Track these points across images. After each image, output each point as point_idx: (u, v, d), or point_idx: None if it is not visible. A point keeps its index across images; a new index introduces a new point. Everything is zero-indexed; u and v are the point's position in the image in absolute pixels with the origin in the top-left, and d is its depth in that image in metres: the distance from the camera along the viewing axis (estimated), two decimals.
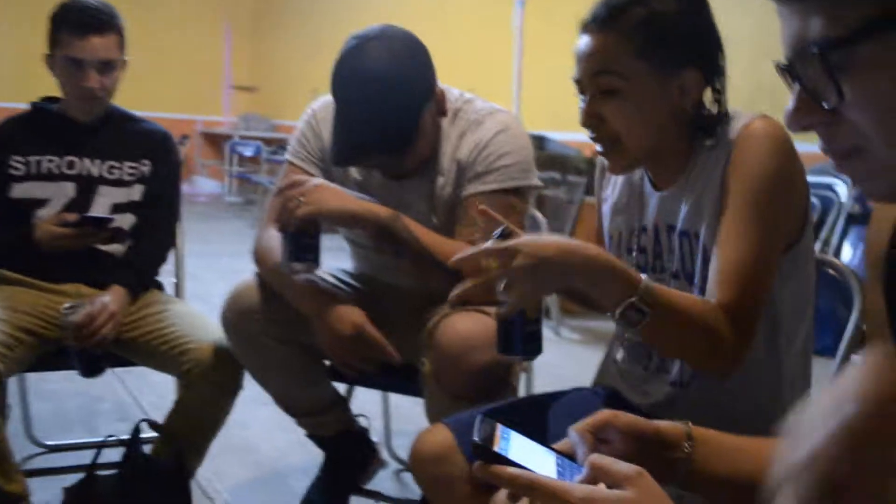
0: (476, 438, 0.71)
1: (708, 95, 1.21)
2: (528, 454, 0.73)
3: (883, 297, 0.81)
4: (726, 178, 1.14)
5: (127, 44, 1.99)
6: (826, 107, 0.61)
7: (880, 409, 0.56)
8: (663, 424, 0.83)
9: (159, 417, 1.84)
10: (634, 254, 1.31)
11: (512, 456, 0.71)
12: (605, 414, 0.82)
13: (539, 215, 2.03)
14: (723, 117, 1.20)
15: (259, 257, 1.71)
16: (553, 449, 0.77)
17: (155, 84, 8.76)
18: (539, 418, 1.29)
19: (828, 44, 0.59)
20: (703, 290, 1.18)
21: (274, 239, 1.63)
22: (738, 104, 1.23)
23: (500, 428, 0.74)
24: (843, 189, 4.48)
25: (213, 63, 10.39)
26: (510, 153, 1.59)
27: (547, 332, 1.75)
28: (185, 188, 10.43)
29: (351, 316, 1.55)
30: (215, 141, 10.31)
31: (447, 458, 1.22)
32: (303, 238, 1.49)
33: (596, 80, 1.18)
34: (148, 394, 2.90)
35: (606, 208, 1.39)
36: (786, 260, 1.17)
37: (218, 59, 10.43)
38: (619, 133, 1.18)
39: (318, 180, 1.53)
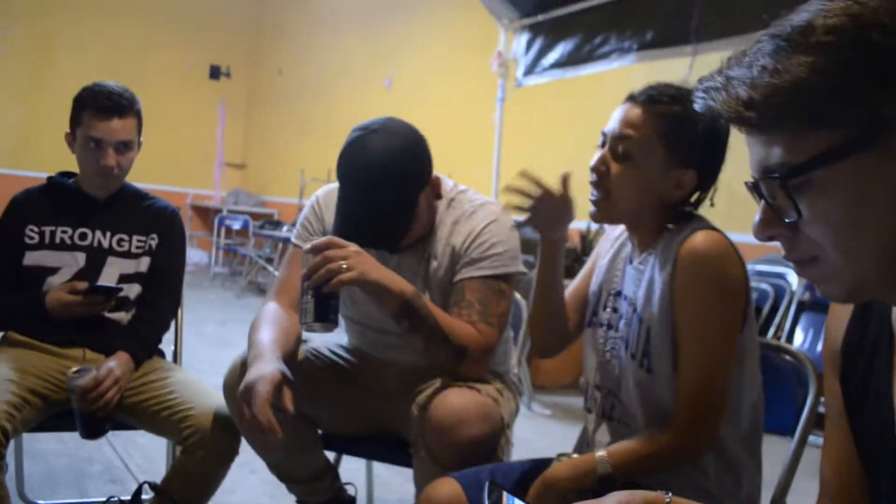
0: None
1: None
2: None
3: (839, 388, 0.91)
4: (675, 289, 1.31)
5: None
6: (786, 222, 0.73)
7: None
8: (647, 496, 0.88)
9: (146, 479, 1.88)
10: (609, 311, 1.48)
11: None
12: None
13: (520, 298, 2.16)
14: (691, 215, 1.39)
15: (250, 330, 1.72)
16: None
17: (151, 157, 8.93)
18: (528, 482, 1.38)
19: (787, 170, 0.70)
20: (640, 363, 1.36)
21: (269, 314, 1.71)
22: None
23: (505, 496, 0.83)
24: (794, 278, 4.70)
25: (207, 140, 10.64)
26: (500, 242, 1.72)
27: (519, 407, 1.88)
28: None
29: (263, 369, 1.52)
30: (205, 213, 10.46)
31: None
32: (331, 299, 1.53)
33: (619, 140, 1.37)
34: (136, 457, 2.95)
35: (599, 267, 1.57)
36: None
37: (212, 136, 10.68)
38: (614, 188, 1.37)
39: (357, 247, 1.57)
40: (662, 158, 1.35)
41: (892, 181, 0.68)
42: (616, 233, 1.56)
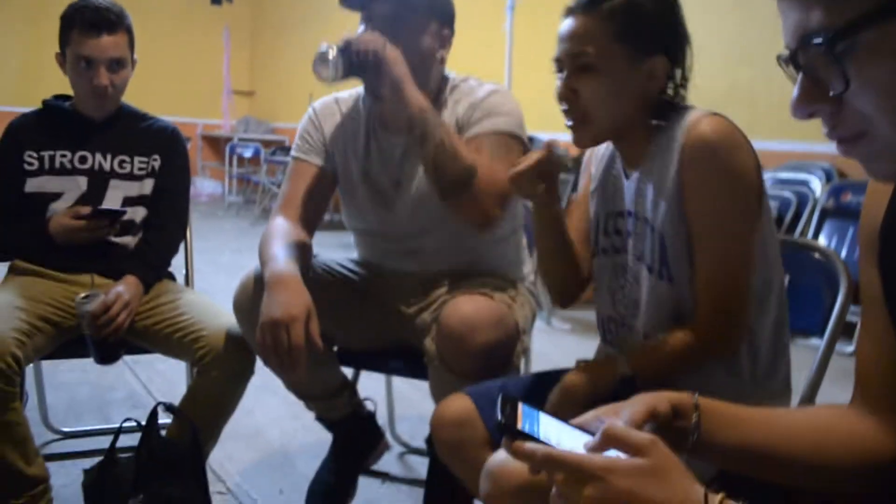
0: (500, 418, 0.73)
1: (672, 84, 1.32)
2: (549, 430, 0.75)
3: (877, 272, 0.85)
4: (684, 182, 1.23)
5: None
6: (832, 93, 0.64)
7: None
8: (673, 396, 0.85)
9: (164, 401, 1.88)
10: (612, 236, 1.40)
11: (534, 433, 0.73)
12: (643, 412, 0.81)
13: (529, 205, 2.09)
14: (679, 106, 1.30)
15: (260, 245, 1.70)
16: (573, 425, 0.78)
17: (158, 88, 8.85)
18: (545, 392, 1.32)
19: (831, 33, 0.62)
20: (660, 274, 1.28)
21: (278, 228, 1.68)
22: (715, 103, 1.31)
23: (521, 406, 0.76)
24: (817, 185, 4.60)
25: (213, 68, 10.48)
26: (504, 107, 1.69)
27: (538, 323, 1.84)
28: None
29: (295, 303, 1.47)
30: (216, 143, 10.39)
31: (467, 422, 1.31)
32: (363, 62, 1.57)
33: (575, 57, 1.27)
34: (158, 382, 2.97)
35: (591, 193, 1.47)
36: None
37: (218, 64, 10.50)
38: (590, 108, 1.28)
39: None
40: (626, 56, 1.26)
41: None
42: (600, 152, 1.47)
